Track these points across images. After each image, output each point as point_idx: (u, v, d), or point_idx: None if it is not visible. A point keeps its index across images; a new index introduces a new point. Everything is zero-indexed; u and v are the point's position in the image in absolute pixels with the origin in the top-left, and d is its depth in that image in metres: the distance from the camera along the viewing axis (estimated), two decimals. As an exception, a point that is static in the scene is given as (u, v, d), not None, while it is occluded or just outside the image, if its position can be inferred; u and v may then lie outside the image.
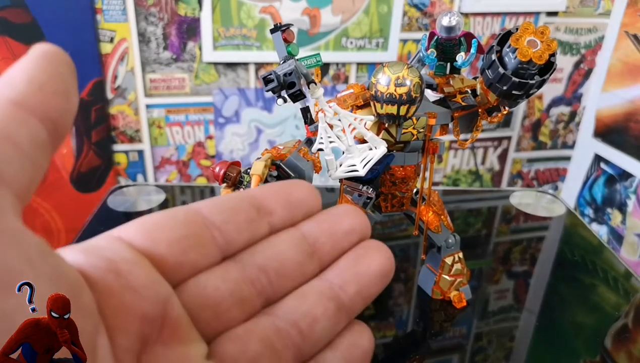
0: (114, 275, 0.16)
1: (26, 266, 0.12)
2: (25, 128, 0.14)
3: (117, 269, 0.16)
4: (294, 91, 0.38)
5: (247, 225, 0.19)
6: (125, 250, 0.16)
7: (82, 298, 0.14)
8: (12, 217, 0.13)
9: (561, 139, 1.13)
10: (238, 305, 0.18)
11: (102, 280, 0.15)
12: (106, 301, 0.15)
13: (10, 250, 0.12)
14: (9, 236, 0.12)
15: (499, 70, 0.41)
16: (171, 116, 0.97)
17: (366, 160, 0.42)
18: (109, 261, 0.16)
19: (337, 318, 0.19)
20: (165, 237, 0.17)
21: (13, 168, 0.13)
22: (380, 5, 0.93)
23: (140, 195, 0.74)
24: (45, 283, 0.12)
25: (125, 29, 0.88)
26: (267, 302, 0.19)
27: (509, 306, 0.54)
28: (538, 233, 0.70)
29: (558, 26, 1.01)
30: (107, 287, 0.15)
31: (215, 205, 0.19)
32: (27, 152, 0.14)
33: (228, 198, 0.19)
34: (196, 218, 0.18)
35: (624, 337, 0.51)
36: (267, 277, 0.19)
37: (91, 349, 0.13)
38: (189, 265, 0.18)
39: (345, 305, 0.19)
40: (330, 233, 0.20)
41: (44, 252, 0.13)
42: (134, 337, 0.15)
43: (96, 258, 0.16)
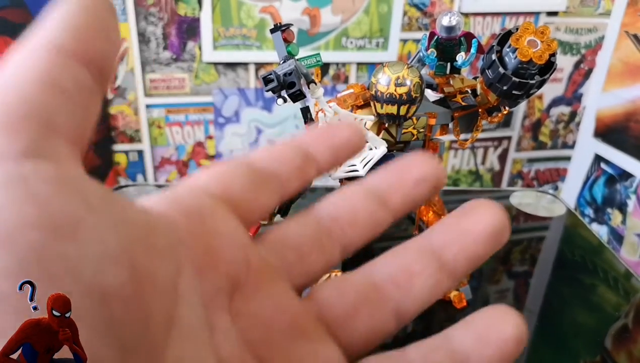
0: (198, 220, 0.15)
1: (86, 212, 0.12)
2: (69, 73, 0.14)
3: (201, 214, 0.16)
4: (294, 91, 0.38)
5: (297, 172, 0.19)
6: (205, 197, 0.16)
7: (157, 241, 0.13)
8: (70, 164, 0.13)
9: (561, 139, 1.13)
10: (318, 250, 0.18)
11: (185, 224, 0.15)
12: (192, 243, 0.15)
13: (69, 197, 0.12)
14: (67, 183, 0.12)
15: (499, 70, 0.41)
16: (171, 116, 0.97)
17: (366, 160, 0.42)
18: (191, 206, 0.16)
19: (439, 277, 0.17)
20: (237, 183, 0.17)
21: (64, 116, 0.13)
22: (381, 5, 0.93)
23: (140, 195, 0.74)
24: (108, 229, 0.12)
25: (125, 29, 0.88)
26: (344, 250, 0.19)
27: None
28: (538, 233, 0.70)
29: (558, 26, 1.01)
30: (191, 230, 0.15)
31: (266, 155, 0.19)
32: (74, 97, 0.14)
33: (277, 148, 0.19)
34: (254, 166, 0.18)
35: (624, 337, 0.50)
36: (340, 227, 0.18)
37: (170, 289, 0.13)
38: (259, 209, 0.18)
39: (448, 264, 0.18)
40: (400, 184, 0.19)
41: (108, 199, 0.13)
42: (224, 276, 0.15)
43: (179, 205, 0.16)
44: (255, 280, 0.16)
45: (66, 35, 0.14)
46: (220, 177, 0.17)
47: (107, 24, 0.15)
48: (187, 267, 0.14)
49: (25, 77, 0.13)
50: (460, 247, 0.18)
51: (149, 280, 0.13)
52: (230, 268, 0.15)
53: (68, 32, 0.14)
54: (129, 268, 0.12)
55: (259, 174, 0.18)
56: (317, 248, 0.18)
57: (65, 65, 0.14)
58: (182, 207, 0.16)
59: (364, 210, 0.19)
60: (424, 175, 0.19)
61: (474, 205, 0.18)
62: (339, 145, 0.19)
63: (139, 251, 0.13)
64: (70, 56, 0.14)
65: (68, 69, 0.14)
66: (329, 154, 0.19)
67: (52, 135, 0.13)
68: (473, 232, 0.18)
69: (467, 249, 0.18)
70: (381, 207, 0.19)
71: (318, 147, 0.19)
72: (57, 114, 0.13)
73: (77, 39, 0.14)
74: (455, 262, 0.18)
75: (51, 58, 0.14)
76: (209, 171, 0.18)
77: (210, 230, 0.16)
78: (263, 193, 0.18)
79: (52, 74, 0.13)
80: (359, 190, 0.19)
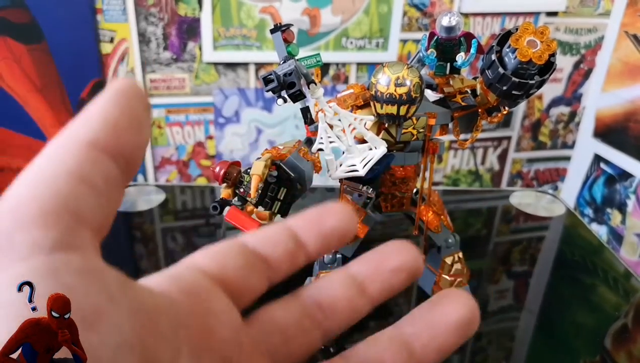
0: (196, 300, 0.16)
1: (107, 302, 0.13)
2: (99, 168, 0.15)
3: (198, 294, 0.17)
4: (294, 91, 0.38)
5: (287, 257, 0.20)
6: (202, 277, 0.18)
7: (161, 325, 0.14)
8: (93, 255, 0.14)
9: (561, 139, 1.13)
10: (302, 334, 0.19)
11: (185, 303, 0.16)
12: (190, 323, 0.16)
13: (93, 288, 0.13)
14: (91, 274, 0.13)
15: (498, 70, 0.41)
16: (171, 116, 0.97)
17: (366, 160, 0.42)
18: (190, 286, 0.17)
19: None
20: (232, 264, 0.18)
21: (91, 208, 0.14)
22: (380, 5, 0.93)
23: (140, 195, 0.74)
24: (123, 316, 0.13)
25: (126, 29, 0.88)
26: (325, 335, 0.20)
27: (508, 306, 0.54)
28: (538, 233, 0.70)
29: (558, 26, 1.01)
30: (190, 310, 0.16)
31: (259, 238, 0.20)
32: (101, 190, 0.15)
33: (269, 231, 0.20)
34: (247, 249, 0.19)
35: (624, 337, 0.50)
36: (322, 312, 0.20)
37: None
38: (251, 291, 0.19)
39: (417, 355, 0.19)
40: (378, 272, 0.20)
41: (123, 285, 0.14)
42: (218, 357, 0.16)
43: (178, 283, 0.17)
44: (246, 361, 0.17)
45: (100, 131, 0.15)
46: (216, 258, 0.18)
47: (140, 119, 0.16)
48: (185, 348, 0.15)
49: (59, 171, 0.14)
50: (429, 338, 0.19)
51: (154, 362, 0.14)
52: (224, 348, 0.16)
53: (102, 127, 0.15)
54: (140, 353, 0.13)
55: (251, 257, 0.19)
56: (301, 332, 0.19)
57: (97, 160, 0.15)
58: (181, 286, 0.17)
59: (344, 298, 0.20)
60: (401, 264, 0.20)
61: (444, 295, 0.19)
62: (329, 233, 0.20)
63: (148, 336, 0.14)
64: (102, 151, 0.15)
65: (98, 164, 0.15)
66: (319, 242, 0.20)
67: (80, 228, 0.14)
68: (442, 324, 0.19)
69: (436, 340, 0.19)
70: (360, 295, 0.20)
71: (308, 234, 0.20)
72: (86, 207, 0.14)
73: (110, 135, 0.15)
74: (424, 353, 0.19)
75: (83, 153, 0.14)
76: (206, 251, 0.19)
77: (207, 310, 0.17)
78: (254, 277, 0.19)
79: (83, 168, 0.14)
80: (341, 277, 0.20)
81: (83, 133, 0.15)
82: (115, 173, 0.15)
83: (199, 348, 0.16)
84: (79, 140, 0.15)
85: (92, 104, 0.16)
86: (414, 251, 0.20)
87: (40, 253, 0.13)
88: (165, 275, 0.17)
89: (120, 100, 0.16)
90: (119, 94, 0.16)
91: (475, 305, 0.19)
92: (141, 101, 0.16)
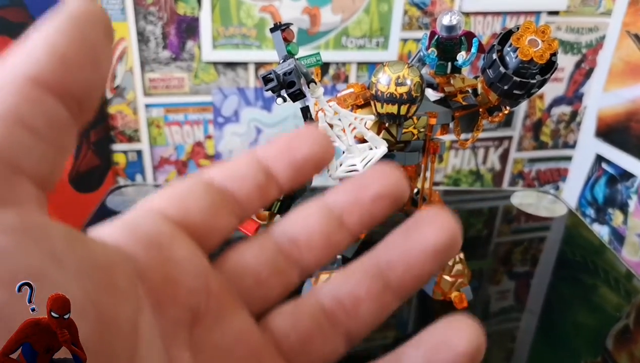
0: (157, 250, 0.15)
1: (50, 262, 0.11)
2: (41, 109, 0.12)
3: (159, 243, 0.15)
4: (293, 90, 0.38)
5: (257, 192, 0.18)
6: (163, 223, 0.16)
7: (117, 281, 0.13)
8: (34, 210, 0.12)
9: (562, 139, 1.13)
10: (276, 274, 0.18)
11: (143, 255, 0.15)
12: (150, 275, 0.14)
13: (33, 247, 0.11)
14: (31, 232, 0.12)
15: (500, 69, 0.41)
16: (170, 116, 0.96)
17: (366, 159, 0.42)
18: (149, 235, 0.15)
19: (384, 299, 0.18)
20: (196, 206, 0.17)
21: (32, 156, 0.12)
22: (381, 4, 0.93)
23: (139, 195, 0.74)
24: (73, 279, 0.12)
25: (124, 28, 0.87)
26: (302, 273, 0.18)
27: (510, 307, 0.54)
28: (539, 233, 0.69)
29: (559, 25, 1.01)
30: (150, 262, 0.15)
31: (226, 172, 0.18)
32: (45, 135, 0.13)
33: (236, 165, 0.18)
34: (212, 186, 0.17)
35: (626, 337, 0.50)
36: (298, 249, 0.18)
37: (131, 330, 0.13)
38: (219, 232, 0.17)
39: (393, 285, 0.17)
40: (357, 203, 0.18)
41: (71, 241, 0.12)
42: (184, 308, 0.15)
43: (136, 233, 0.15)
44: (216, 308, 0.16)
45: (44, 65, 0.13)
46: (178, 200, 0.17)
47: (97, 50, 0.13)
48: (146, 303, 0.14)
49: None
50: (405, 266, 0.17)
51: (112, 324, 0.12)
52: (190, 298, 0.15)
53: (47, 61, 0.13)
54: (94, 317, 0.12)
55: (217, 195, 0.17)
56: (275, 273, 0.18)
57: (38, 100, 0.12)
58: (139, 235, 0.15)
59: (321, 232, 0.18)
60: (382, 191, 0.18)
61: (421, 217, 0.18)
62: (301, 161, 0.18)
63: (102, 296, 0.12)
64: (46, 89, 0.13)
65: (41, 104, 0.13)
66: (290, 171, 0.18)
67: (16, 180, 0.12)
68: (418, 249, 0.17)
69: (413, 268, 0.17)
70: (338, 228, 0.18)
71: (279, 164, 0.18)
72: (24, 155, 0.12)
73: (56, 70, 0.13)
74: (400, 282, 0.17)
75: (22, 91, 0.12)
76: (165, 193, 0.17)
77: (168, 259, 0.15)
78: (222, 217, 0.17)
79: (21, 109, 0.12)
80: (316, 210, 0.18)
81: (22, 67, 0.12)
82: (63, 115, 0.13)
83: (162, 301, 0.14)
84: (16, 75, 0.12)
85: (37, 31, 0.13)
86: (397, 174, 0.18)
87: None
88: (119, 224, 0.15)
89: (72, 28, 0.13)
90: (71, 20, 0.13)
91: (456, 225, 0.17)
92: (100, 29, 0.14)
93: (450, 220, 0.17)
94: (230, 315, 0.16)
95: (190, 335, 0.15)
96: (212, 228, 0.17)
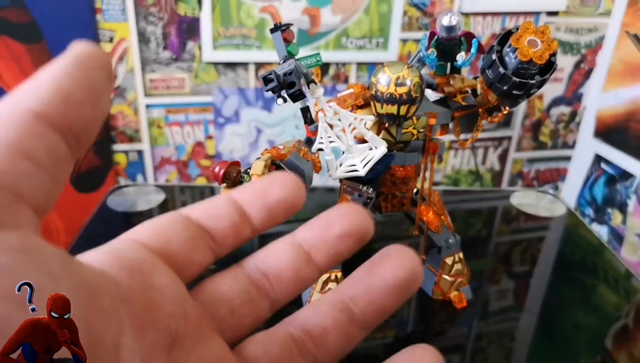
0: (138, 276, 0.16)
1: (48, 280, 0.12)
2: (44, 143, 0.13)
3: (140, 269, 0.16)
4: (293, 91, 0.38)
5: (232, 230, 0.19)
6: (145, 252, 0.17)
7: (103, 303, 0.14)
8: (31, 233, 0.13)
9: (561, 139, 1.13)
10: (248, 304, 0.19)
11: (127, 280, 0.16)
12: (133, 300, 0.15)
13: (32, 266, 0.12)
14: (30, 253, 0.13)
15: (499, 70, 0.41)
16: (171, 116, 0.96)
17: (366, 160, 0.42)
18: (131, 262, 0.16)
19: (349, 331, 0.19)
20: (176, 238, 0.18)
21: (32, 185, 0.13)
22: (381, 5, 0.93)
23: (139, 195, 0.74)
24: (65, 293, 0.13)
25: (125, 29, 0.88)
26: (272, 304, 0.19)
27: (509, 306, 0.54)
28: (538, 233, 0.69)
29: (558, 26, 1.01)
30: (132, 286, 0.16)
31: (203, 211, 0.19)
32: (45, 167, 0.14)
33: (213, 204, 0.19)
34: (190, 222, 0.19)
35: (625, 337, 0.50)
36: (269, 282, 0.19)
37: (113, 349, 0.14)
38: (197, 264, 0.18)
39: (357, 318, 0.19)
40: (324, 240, 0.19)
41: (64, 262, 0.13)
42: (163, 332, 0.16)
43: (120, 260, 0.16)
44: (193, 333, 0.17)
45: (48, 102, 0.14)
46: (159, 232, 0.18)
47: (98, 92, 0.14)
48: (128, 325, 0.15)
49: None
50: (368, 300, 0.19)
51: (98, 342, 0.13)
52: (169, 322, 0.16)
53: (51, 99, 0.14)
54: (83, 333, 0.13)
55: (195, 230, 0.19)
56: (248, 302, 0.19)
57: (42, 134, 0.13)
58: (123, 262, 0.16)
59: (290, 267, 0.19)
60: (347, 229, 0.19)
61: (384, 254, 0.19)
62: (274, 205, 0.19)
63: (90, 315, 0.13)
64: (48, 125, 0.13)
65: (44, 138, 0.13)
66: (264, 215, 0.19)
67: (18, 205, 0.13)
68: (380, 285, 0.18)
69: (375, 302, 0.18)
70: (307, 264, 0.19)
71: (253, 206, 0.19)
72: (25, 183, 0.13)
73: (60, 107, 0.14)
74: (364, 315, 0.19)
75: (27, 125, 0.13)
76: (148, 225, 0.18)
77: (150, 285, 0.16)
78: (198, 250, 0.18)
79: (25, 143, 0.13)
80: (286, 246, 0.20)
81: (28, 102, 0.13)
82: (62, 149, 0.14)
83: (143, 324, 0.15)
84: (23, 109, 0.13)
85: (45, 70, 0.14)
86: (362, 214, 0.19)
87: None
88: (104, 251, 0.16)
89: (77, 70, 0.14)
90: (77, 63, 0.14)
91: (417, 262, 0.18)
92: (103, 72, 0.15)
93: (411, 257, 0.19)
94: (207, 340, 0.17)
95: (169, 358, 0.16)
96: (190, 260, 0.18)
